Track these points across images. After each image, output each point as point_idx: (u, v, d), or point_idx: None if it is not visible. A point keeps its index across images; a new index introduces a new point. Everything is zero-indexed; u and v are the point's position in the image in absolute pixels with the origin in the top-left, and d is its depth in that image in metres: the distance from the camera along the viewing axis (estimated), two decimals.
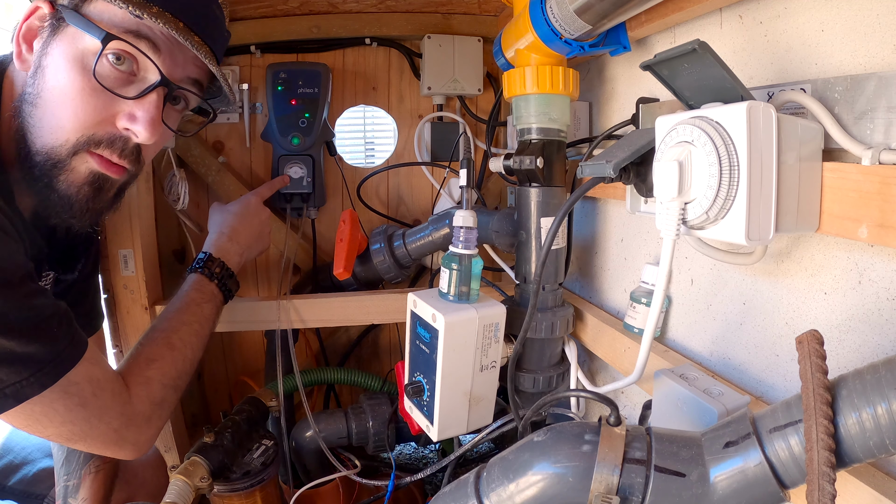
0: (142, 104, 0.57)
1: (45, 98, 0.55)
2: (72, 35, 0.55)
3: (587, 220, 0.94)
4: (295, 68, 1.06)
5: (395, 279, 0.96)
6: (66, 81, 0.55)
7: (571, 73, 0.73)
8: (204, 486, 0.73)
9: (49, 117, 0.55)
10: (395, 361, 1.13)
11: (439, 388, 0.69)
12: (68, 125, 0.55)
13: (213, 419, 1.24)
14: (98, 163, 0.58)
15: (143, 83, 0.58)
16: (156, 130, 0.58)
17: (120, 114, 0.57)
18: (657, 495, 0.39)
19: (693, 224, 0.48)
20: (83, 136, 0.56)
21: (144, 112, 0.57)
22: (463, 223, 0.69)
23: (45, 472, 0.79)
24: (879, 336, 0.45)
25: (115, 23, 0.55)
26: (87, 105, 0.55)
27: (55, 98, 0.55)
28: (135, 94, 0.57)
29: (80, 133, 0.56)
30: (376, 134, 1.32)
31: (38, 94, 0.55)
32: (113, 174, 0.59)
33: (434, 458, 1.26)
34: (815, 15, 0.50)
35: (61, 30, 0.56)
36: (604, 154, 0.57)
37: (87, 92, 0.55)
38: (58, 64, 0.55)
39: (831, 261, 0.49)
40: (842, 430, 0.33)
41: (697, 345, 0.67)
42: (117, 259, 0.93)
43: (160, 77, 0.58)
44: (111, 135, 0.57)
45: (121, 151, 0.58)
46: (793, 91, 0.49)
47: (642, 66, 0.50)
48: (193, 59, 0.61)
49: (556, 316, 0.78)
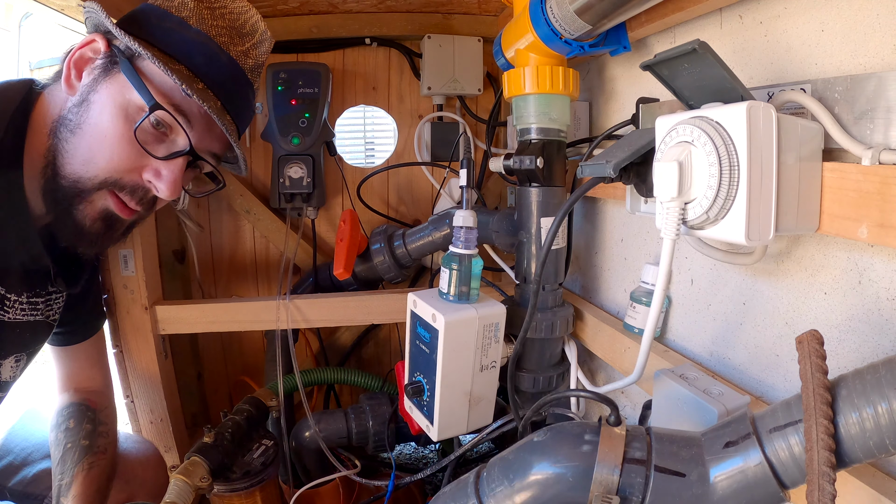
0: (168, 165, 0.63)
1: (86, 131, 0.60)
2: (122, 83, 0.60)
3: (587, 220, 0.94)
4: (295, 68, 1.06)
5: (395, 279, 0.97)
6: (109, 124, 0.60)
7: (571, 73, 0.73)
8: (204, 486, 0.73)
9: (84, 149, 0.60)
10: (395, 361, 1.13)
11: (439, 388, 0.69)
12: (101, 164, 0.60)
13: (213, 419, 1.24)
14: (114, 204, 0.63)
15: (173, 146, 0.64)
16: (177, 191, 0.64)
17: (147, 167, 0.63)
18: (657, 495, 0.39)
19: (693, 224, 0.48)
20: (111, 178, 0.61)
21: (169, 173, 0.63)
22: (463, 223, 0.69)
23: (45, 472, 0.79)
24: (879, 336, 0.45)
25: (163, 90, 0.61)
26: (122, 152, 0.60)
27: (95, 134, 0.60)
28: (164, 155, 0.62)
29: (109, 174, 0.61)
30: (376, 134, 1.32)
31: (79, 124, 0.60)
32: (124, 215, 0.64)
33: (434, 458, 1.26)
34: (815, 15, 0.50)
35: (113, 74, 0.61)
36: (604, 154, 0.57)
37: (125, 140, 0.60)
38: (104, 105, 0.60)
39: (831, 261, 0.49)
40: (842, 430, 0.33)
41: (697, 345, 0.67)
42: (117, 259, 0.93)
43: (189, 147, 0.63)
44: (135, 183, 0.63)
45: (139, 199, 0.64)
46: (793, 91, 0.49)
47: (642, 66, 0.50)
48: (219, 136, 0.67)
49: (556, 316, 0.78)
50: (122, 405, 0.99)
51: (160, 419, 1.02)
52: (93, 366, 0.84)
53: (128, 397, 1.00)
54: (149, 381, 0.99)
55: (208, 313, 0.95)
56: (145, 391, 1.00)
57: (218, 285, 1.20)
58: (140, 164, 0.62)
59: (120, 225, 0.65)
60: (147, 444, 0.92)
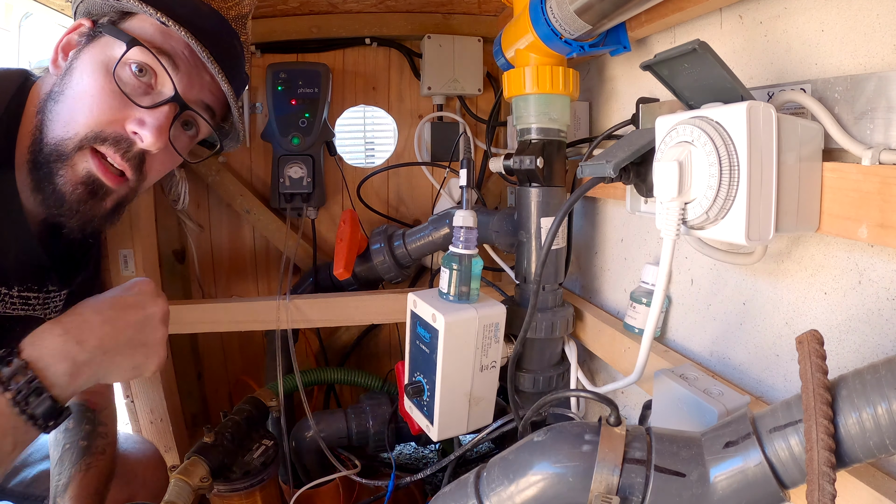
0: (152, 112, 0.60)
1: (67, 95, 0.59)
2: (103, 43, 0.60)
3: (587, 220, 0.94)
4: (295, 68, 1.06)
5: (395, 279, 0.96)
6: (89, 81, 0.58)
7: (571, 73, 0.73)
8: (204, 486, 0.73)
9: (66, 111, 0.58)
10: (395, 361, 1.13)
11: (439, 388, 0.69)
12: (81, 120, 0.58)
13: (213, 419, 1.24)
14: (97, 165, 0.59)
15: (158, 96, 0.61)
16: (161, 138, 0.60)
17: (130, 118, 0.59)
18: (657, 495, 0.39)
19: (693, 224, 0.48)
20: (91, 132, 0.58)
21: (153, 119, 0.60)
22: (463, 223, 0.69)
23: (45, 473, 0.79)
24: (879, 336, 0.45)
25: (144, 36, 0.60)
26: (102, 104, 0.58)
27: (75, 95, 0.58)
28: (148, 104, 0.60)
29: (89, 129, 0.58)
30: (376, 134, 1.32)
31: (61, 91, 0.59)
32: (109, 181, 0.60)
33: (434, 458, 1.25)
34: (815, 15, 0.50)
35: (95, 39, 0.61)
36: (604, 154, 0.57)
37: (105, 92, 0.58)
38: (84, 66, 0.59)
39: (831, 261, 0.49)
40: (842, 430, 0.33)
41: (697, 345, 0.67)
42: (117, 259, 0.93)
43: (174, 93, 0.60)
44: (118, 134, 0.59)
45: (123, 153, 0.60)
46: (793, 91, 0.49)
47: (642, 66, 0.50)
48: (209, 86, 0.65)
49: (556, 316, 0.78)
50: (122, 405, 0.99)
51: (160, 419, 1.02)
52: None
53: (128, 397, 1.00)
54: (149, 381, 0.99)
55: (208, 313, 0.95)
56: (145, 391, 1.00)
57: (218, 285, 1.19)
58: (123, 115, 0.59)
59: (105, 193, 0.61)
60: (147, 444, 0.92)
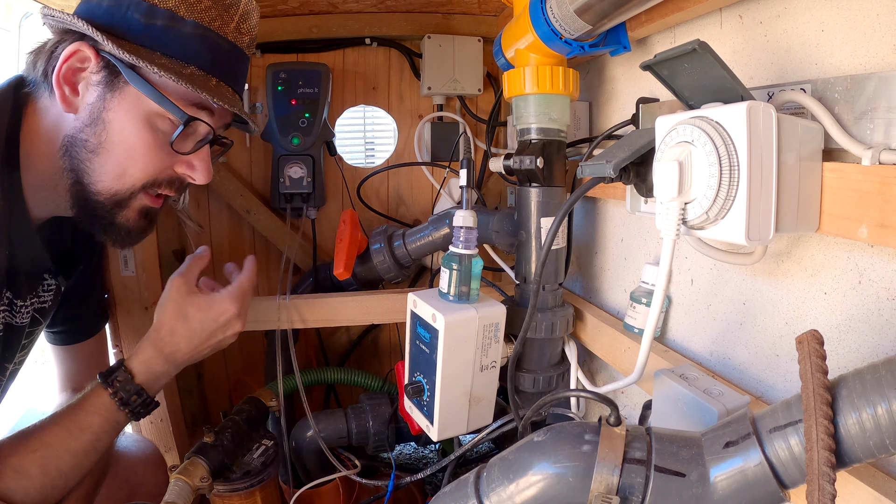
0: (198, 155, 0.66)
1: (111, 149, 0.61)
2: (135, 96, 0.60)
3: (587, 220, 0.94)
4: (295, 68, 1.06)
5: (395, 279, 0.96)
6: (136, 139, 0.61)
7: (571, 73, 0.73)
8: (204, 487, 0.73)
9: (115, 166, 0.61)
10: (395, 361, 1.13)
11: (439, 388, 0.69)
12: (137, 174, 0.62)
13: (213, 419, 1.24)
14: (150, 200, 0.66)
15: (196, 136, 0.66)
16: (210, 174, 0.68)
17: (178, 162, 0.66)
18: (657, 495, 0.39)
19: (693, 224, 0.48)
20: (148, 182, 0.64)
21: (201, 161, 0.67)
22: (463, 223, 0.69)
23: None
24: (879, 336, 0.45)
25: (179, 94, 0.61)
26: (154, 158, 0.63)
27: (123, 150, 0.61)
28: (192, 149, 0.65)
29: (145, 180, 0.63)
30: (376, 134, 1.32)
31: (100, 143, 0.60)
32: (156, 205, 0.68)
33: (434, 458, 1.25)
34: (815, 15, 0.50)
35: (120, 87, 0.60)
36: (604, 154, 0.57)
37: (155, 149, 0.62)
38: (124, 122, 0.60)
39: (831, 261, 0.49)
40: (842, 430, 0.33)
41: (697, 345, 0.67)
42: (117, 259, 0.93)
43: (212, 133, 0.66)
44: (170, 177, 0.66)
45: (176, 189, 0.68)
46: (793, 91, 0.49)
47: (642, 66, 0.50)
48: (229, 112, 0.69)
49: (556, 316, 0.78)
50: None
51: (160, 419, 1.02)
52: (93, 366, 0.84)
53: None
54: None
55: None
56: None
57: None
58: (171, 162, 0.65)
59: (155, 214, 0.69)
60: (147, 443, 0.92)
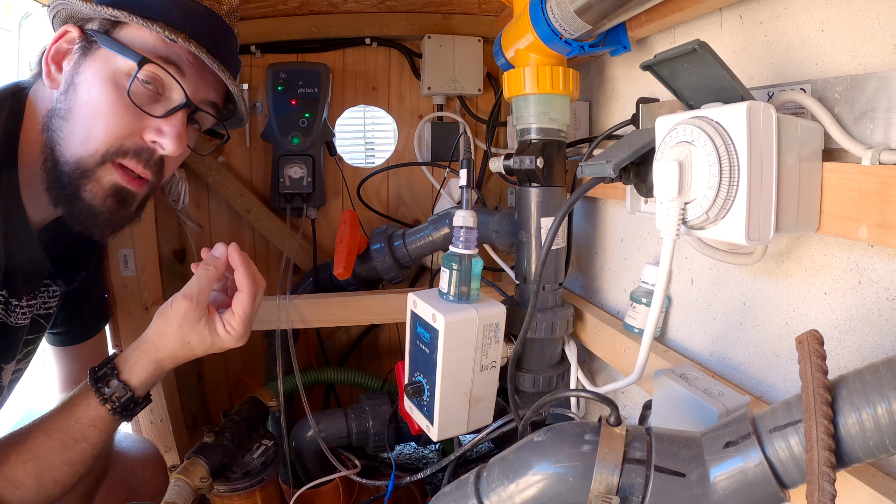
0: (169, 121, 0.62)
1: (77, 112, 0.59)
2: (104, 56, 0.60)
3: (587, 220, 0.94)
4: (295, 68, 1.06)
5: (396, 279, 0.96)
6: (100, 97, 0.59)
7: (571, 73, 0.73)
8: (204, 487, 0.73)
9: (80, 129, 0.59)
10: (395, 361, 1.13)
11: (439, 388, 0.69)
12: (100, 136, 0.59)
13: (213, 419, 1.24)
14: (121, 176, 0.62)
15: (170, 103, 0.62)
16: (181, 144, 0.63)
17: (147, 128, 0.62)
18: (657, 495, 0.39)
19: (693, 224, 0.48)
20: (112, 147, 0.60)
21: (171, 127, 0.62)
22: (463, 223, 0.69)
23: None
24: (879, 336, 0.45)
25: (147, 48, 0.60)
26: (119, 119, 0.59)
27: (88, 112, 0.59)
28: (162, 113, 0.62)
29: (109, 144, 0.60)
30: (376, 134, 1.32)
31: (69, 108, 0.59)
32: (134, 187, 0.63)
33: (434, 458, 1.25)
34: (815, 15, 0.50)
35: (93, 52, 0.60)
36: (604, 154, 0.57)
37: (119, 107, 0.59)
38: (91, 82, 0.59)
39: (831, 261, 0.49)
40: (842, 430, 0.33)
41: (697, 345, 0.67)
42: (117, 259, 0.93)
43: (185, 99, 0.62)
44: (138, 146, 0.62)
45: (146, 162, 0.63)
46: (793, 91, 0.49)
47: (642, 66, 0.50)
48: (212, 84, 0.66)
49: (556, 316, 0.78)
50: None
51: (160, 419, 1.02)
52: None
53: None
54: None
55: None
56: None
57: None
58: (139, 127, 0.61)
59: (132, 199, 0.64)
60: (147, 444, 0.93)
